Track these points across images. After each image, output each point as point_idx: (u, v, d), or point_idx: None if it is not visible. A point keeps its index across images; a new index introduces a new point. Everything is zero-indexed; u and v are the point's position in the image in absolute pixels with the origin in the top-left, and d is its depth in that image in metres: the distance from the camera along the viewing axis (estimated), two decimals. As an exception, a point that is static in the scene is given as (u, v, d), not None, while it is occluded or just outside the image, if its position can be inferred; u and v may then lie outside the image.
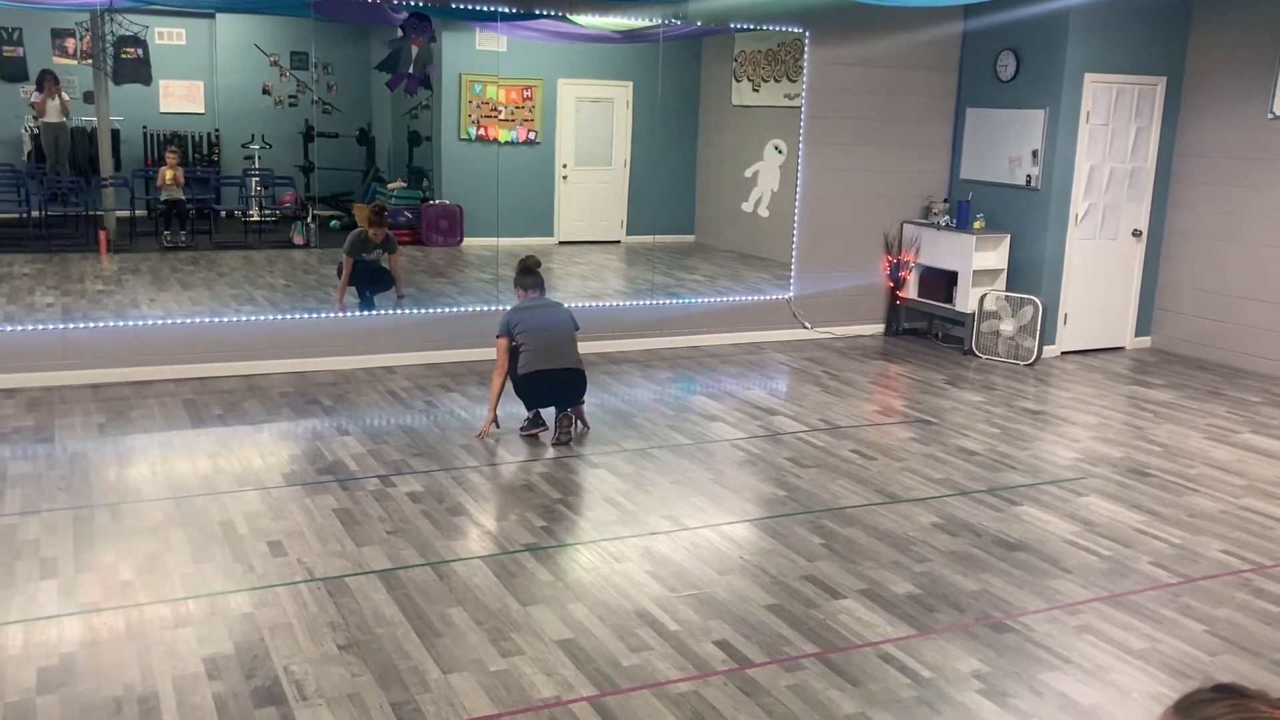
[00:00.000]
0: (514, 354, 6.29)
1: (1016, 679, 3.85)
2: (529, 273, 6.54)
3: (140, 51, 10.83)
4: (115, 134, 11.02)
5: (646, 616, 4.21)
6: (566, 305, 6.73)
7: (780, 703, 3.63)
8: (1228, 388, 8.19)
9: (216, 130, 12.45)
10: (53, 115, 10.97)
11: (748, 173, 11.25)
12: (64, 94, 11.03)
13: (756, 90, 11.45)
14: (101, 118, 10.40)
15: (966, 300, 9.07)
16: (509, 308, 6.56)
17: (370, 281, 8.57)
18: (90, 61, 10.68)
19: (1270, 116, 8.46)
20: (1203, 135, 9.00)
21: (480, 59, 11.45)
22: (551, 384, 6.30)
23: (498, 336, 6.33)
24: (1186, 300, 9.24)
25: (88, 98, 10.94)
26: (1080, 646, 4.10)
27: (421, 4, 8.66)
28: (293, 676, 3.68)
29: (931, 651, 4.02)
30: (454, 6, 8.42)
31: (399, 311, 8.23)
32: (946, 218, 9.36)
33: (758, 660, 3.91)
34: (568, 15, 8.66)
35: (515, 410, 6.87)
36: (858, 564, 4.78)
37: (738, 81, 11.73)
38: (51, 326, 7.22)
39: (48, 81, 10.91)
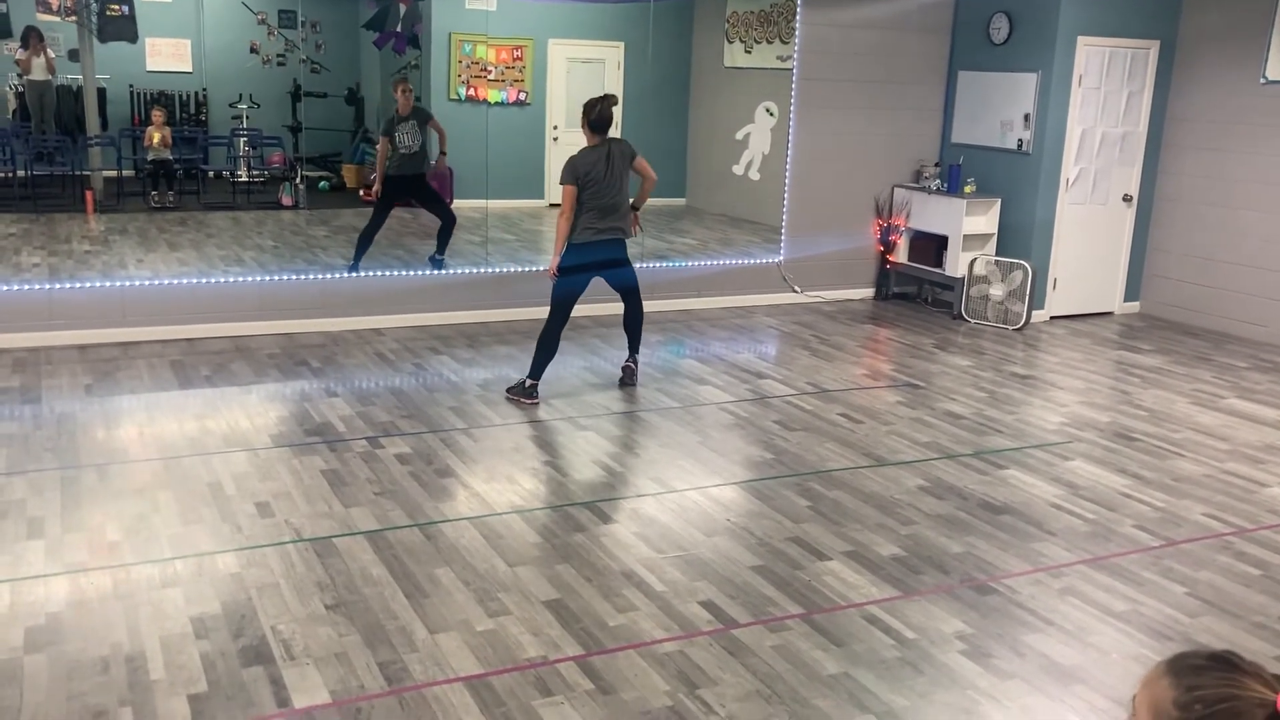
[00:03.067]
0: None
1: (999, 640, 3.88)
2: (604, 116, 6.31)
3: (126, 8, 10.67)
4: (101, 92, 10.90)
5: (633, 577, 4.24)
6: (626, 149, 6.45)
7: (765, 663, 3.66)
8: (1214, 353, 8.22)
9: (204, 89, 12.33)
10: (38, 73, 10.84)
11: (739, 135, 11.19)
12: (49, 51, 10.90)
13: (749, 52, 11.38)
14: (87, 76, 10.29)
15: (956, 265, 9.07)
16: (574, 155, 6.32)
17: (405, 189, 8.58)
18: (74, 18, 10.54)
19: (1263, 81, 8.43)
20: (1195, 100, 8.97)
21: (470, 18, 11.34)
22: (596, 251, 6.34)
23: (564, 184, 6.23)
24: (1175, 265, 9.25)
25: (73, 55, 10.81)
26: (1063, 608, 4.14)
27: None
28: (280, 636, 3.70)
29: (915, 613, 4.05)
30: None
31: (388, 273, 8.19)
32: (937, 182, 9.34)
33: (743, 621, 3.94)
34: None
35: (507, 373, 6.88)
36: (843, 526, 4.81)
37: (730, 43, 11.65)
38: (38, 287, 7.18)
39: (32, 38, 10.77)
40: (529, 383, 6.36)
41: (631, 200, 6.57)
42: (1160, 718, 1.35)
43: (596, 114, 6.31)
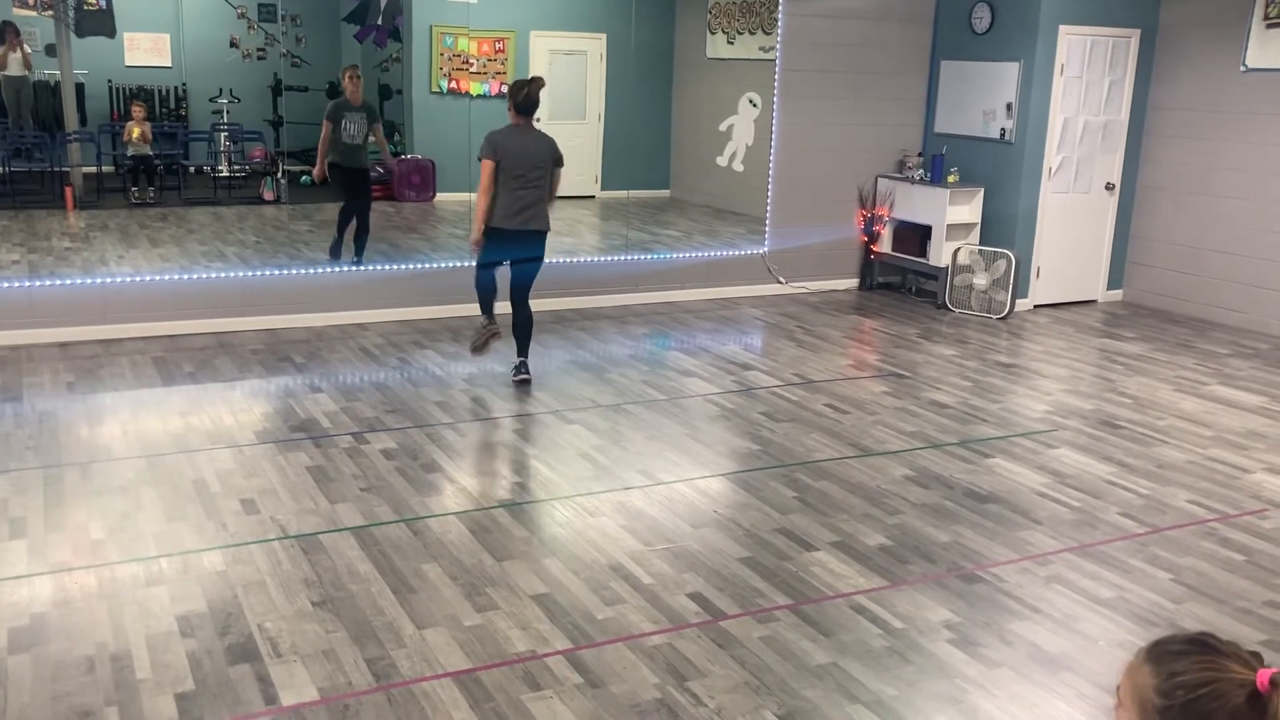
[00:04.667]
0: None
1: (986, 628, 3.90)
2: (531, 99, 6.21)
3: (104, 2, 10.59)
4: (80, 88, 10.81)
5: (621, 570, 4.24)
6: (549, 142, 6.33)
7: (753, 654, 3.66)
8: (1197, 340, 8.27)
9: (183, 84, 12.25)
10: (14, 69, 10.74)
11: (722, 126, 11.19)
12: (25, 46, 10.79)
13: (731, 43, 11.36)
14: (65, 71, 10.20)
15: (940, 254, 9.09)
16: (493, 130, 6.27)
17: (349, 183, 8.55)
18: (51, 13, 10.45)
19: (1243, 69, 8.46)
20: (1176, 88, 9.00)
21: (451, 10, 11.29)
22: (516, 243, 6.34)
23: (483, 159, 6.15)
24: (1158, 253, 9.29)
25: (50, 50, 10.71)
26: (1049, 596, 4.16)
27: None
28: (267, 633, 3.68)
29: (903, 602, 4.06)
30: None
31: (372, 268, 8.16)
32: (921, 171, 9.35)
33: (731, 612, 3.94)
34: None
35: (491, 367, 6.86)
36: (830, 517, 4.82)
37: (712, 34, 11.64)
38: (18, 284, 7.12)
39: (9, 34, 10.66)
40: (482, 321, 6.57)
41: None
42: (1145, 706, 1.36)
43: (524, 96, 6.23)
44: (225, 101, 11.87)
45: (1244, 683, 1.29)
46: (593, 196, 11.97)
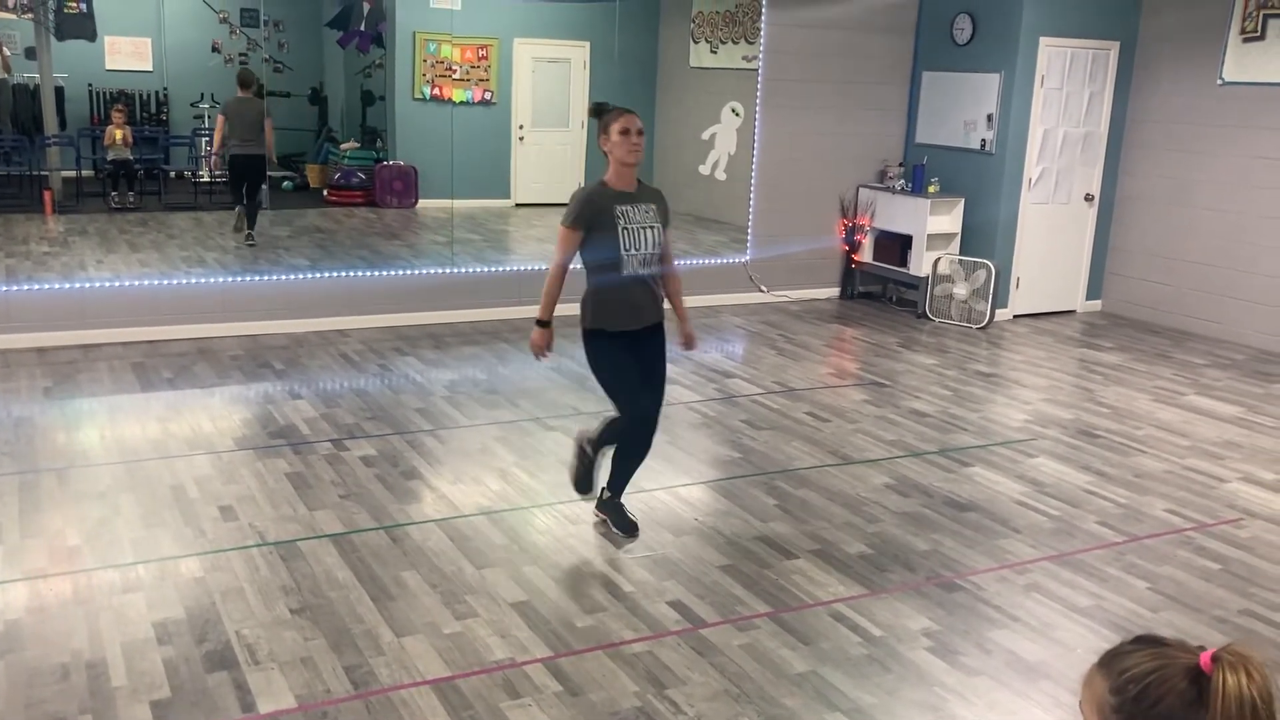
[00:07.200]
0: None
1: (965, 637, 3.91)
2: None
3: (84, 5, 10.53)
4: (59, 91, 10.75)
5: (601, 578, 4.23)
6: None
7: (733, 662, 3.66)
8: (1175, 350, 8.33)
9: (165, 89, 12.19)
10: (-7, 71, 10.68)
11: (705, 135, 11.21)
12: (4, 49, 10.73)
13: (714, 52, 11.40)
14: (44, 74, 10.14)
15: (921, 264, 9.13)
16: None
17: (240, 167, 9.36)
18: (31, 15, 10.39)
19: (1220, 82, 8.54)
20: (1154, 100, 9.08)
21: (434, 17, 11.29)
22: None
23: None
24: (1136, 264, 9.36)
25: (29, 53, 10.65)
26: (1028, 605, 4.18)
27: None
28: (244, 640, 3.66)
29: (882, 610, 4.07)
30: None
31: (352, 274, 8.13)
32: (902, 181, 9.39)
33: (711, 620, 3.94)
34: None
35: (472, 374, 6.84)
36: (810, 525, 4.83)
37: (695, 43, 11.67)
38: (-5, 288, 7.07)
39: (-13, 37, 10.60)
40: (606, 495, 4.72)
41: None
42: (1103, 710, 1.39)
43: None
44: (206, 106, 11.82)
45: (1189, 665, 1.34)
46: (575, 204, 11.97)
